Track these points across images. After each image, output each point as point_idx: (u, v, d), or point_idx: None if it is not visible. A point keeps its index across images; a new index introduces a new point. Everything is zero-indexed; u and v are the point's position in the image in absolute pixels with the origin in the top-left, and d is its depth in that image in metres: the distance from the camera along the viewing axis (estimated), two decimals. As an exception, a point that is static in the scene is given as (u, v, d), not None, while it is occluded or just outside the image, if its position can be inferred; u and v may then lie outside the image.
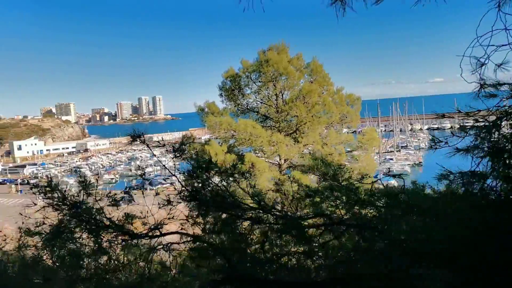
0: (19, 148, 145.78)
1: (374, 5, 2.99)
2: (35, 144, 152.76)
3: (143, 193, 3.98)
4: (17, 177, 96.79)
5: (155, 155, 3.91)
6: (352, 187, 4.52)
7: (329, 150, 20.97)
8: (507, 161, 3.15)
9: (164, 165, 3.88)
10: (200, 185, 3.59)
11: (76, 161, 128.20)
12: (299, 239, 3.07)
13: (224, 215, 3.41)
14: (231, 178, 3.74)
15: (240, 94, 23.03)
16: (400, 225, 3.09)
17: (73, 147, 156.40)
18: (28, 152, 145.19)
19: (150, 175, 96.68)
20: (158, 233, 3.55)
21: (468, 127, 4.17)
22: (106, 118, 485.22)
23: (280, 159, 22.36)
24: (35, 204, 3.74)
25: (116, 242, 3.52)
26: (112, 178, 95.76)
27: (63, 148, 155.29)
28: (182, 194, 3.43)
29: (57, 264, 6.03)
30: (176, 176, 3.65)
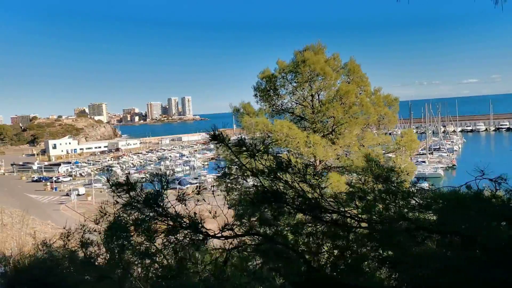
0: (54, 146, 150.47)
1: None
2: (69, 143, 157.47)
3: (213, 193, 3.91)
4: (52, 175, 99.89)
5: (235, 155, 3.81)
6: (410, 190, 4.34)
7: (366, 151, 20.55)
8: None
9: (242, 164, 3.77)
10: (279, 185, 3.48)
11: (108, 160, 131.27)
12: (388, 245, 2.93)
13: (305, 217, 3.30)
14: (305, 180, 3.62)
15: (275, 95, 22.91)
16: (498, 233, 2.90)
17: (105, 146, 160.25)
18: (62, 151, 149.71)
19: (179, 175, 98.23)
20: (230, 234, 3.48)
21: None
22: (136, 118, 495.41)
23: (315, 161, 22.11)
24: (117, 203, 3.74)
25: (190, 242, 3.47)
26: (142, 177, 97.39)
27: (95, 147, 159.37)
28: (265, 195, 3.33)
29: (116, 262, 6.07)
30: (258, 178, 3.55)
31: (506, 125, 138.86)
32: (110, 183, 3.78)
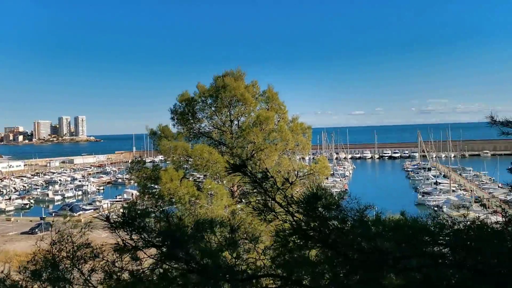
0: None
1: None
2: None
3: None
4: None
5: (262, 188, 3.44)
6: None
7: (293, 177, 20.97)
8: None
9: (273, 198, 3.41)
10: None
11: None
12: None
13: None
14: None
15: (193, 118, 22.52)
16: None
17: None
18: None
19: (70, 200, 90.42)
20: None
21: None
22: (20, 137, 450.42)
23: (232, 186, 22.00)
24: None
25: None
26: (25, 204, 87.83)
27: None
28: (304, 232, 2.94)
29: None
30: (290, 213, 3.19)
31: (388, 153, 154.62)
32: (119, 220, 3.14)
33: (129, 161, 21.94)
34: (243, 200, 20.75)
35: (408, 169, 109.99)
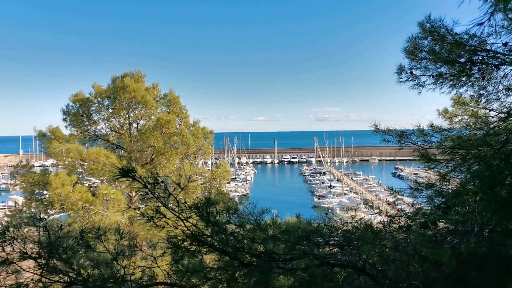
0: None
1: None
2: None
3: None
4: None
5: (152, 194, 3.27)
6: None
7: (184, 182, 20.70)
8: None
9: (164, 204, 3.24)
10: None
11: None
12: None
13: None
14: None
15: (88, 120, 21.16)
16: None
17: None
18: None
19: None
20: None
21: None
22: None
23: (131, 191, 21.10)
24: None
25: None
26: None
27: None
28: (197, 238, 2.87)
29: None
30: (181, 218, 3.06)
31: (288, 158, 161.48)
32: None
33: (14, 165, 19.94)
34: (142, 206, 20.00)
35: (306, 174, 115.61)
